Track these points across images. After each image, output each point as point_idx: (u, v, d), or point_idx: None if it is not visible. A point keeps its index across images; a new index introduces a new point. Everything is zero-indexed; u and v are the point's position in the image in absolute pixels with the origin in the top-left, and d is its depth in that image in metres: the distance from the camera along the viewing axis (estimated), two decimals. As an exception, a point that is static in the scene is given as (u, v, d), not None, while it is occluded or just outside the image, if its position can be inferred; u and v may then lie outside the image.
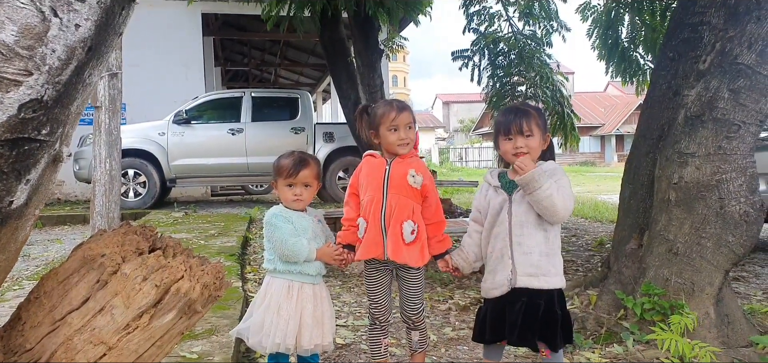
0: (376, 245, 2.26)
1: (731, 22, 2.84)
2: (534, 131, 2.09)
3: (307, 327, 2.15)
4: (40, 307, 1.41)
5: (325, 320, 2.23)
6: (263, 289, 2.22)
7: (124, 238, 1.49)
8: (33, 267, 5.11)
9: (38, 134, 1.11)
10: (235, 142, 9.45)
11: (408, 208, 2.25)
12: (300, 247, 2.14)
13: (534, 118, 2.10)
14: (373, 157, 2.35)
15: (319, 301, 2.22)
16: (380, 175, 2.28)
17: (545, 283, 2.08)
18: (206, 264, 1.50)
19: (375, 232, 2.26)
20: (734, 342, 2.72)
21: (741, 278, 4.43)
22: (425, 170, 2.32)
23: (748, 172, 2.70)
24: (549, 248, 2.10)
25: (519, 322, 2.06)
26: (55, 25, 1.00)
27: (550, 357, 2.11)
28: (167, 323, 1.43)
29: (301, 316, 2.15)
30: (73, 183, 10.36)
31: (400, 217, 2.24)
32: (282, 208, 2.25)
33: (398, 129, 2.25)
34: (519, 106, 2.26)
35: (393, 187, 2.25)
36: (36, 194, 1.24)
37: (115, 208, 3.98)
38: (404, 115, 2.25)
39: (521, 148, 2.09)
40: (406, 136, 2.25)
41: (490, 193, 2.21)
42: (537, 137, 2.10)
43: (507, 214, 2.13)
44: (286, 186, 2.21)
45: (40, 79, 1.02)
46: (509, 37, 7.54)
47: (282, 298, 2.14)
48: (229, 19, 13.75)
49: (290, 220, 2.20)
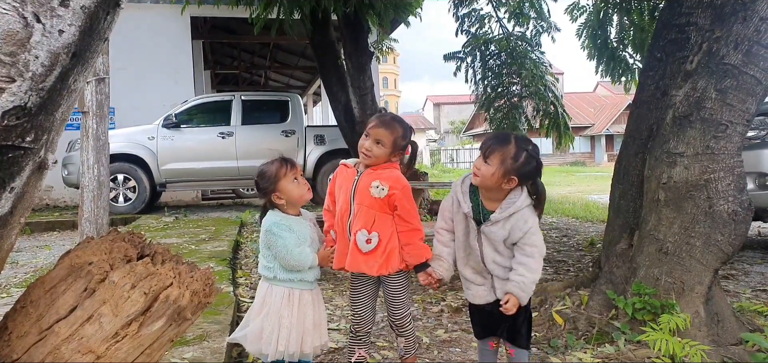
0: (343, 255, 2.28)
1: (718, 23, 2.87)
2: (493, 162, 2.02)
3: (309, 333, 2.16)
4: (27, 316, 1.40)
5: (322, 322, 2.25)
6: (261, 297, 2.20)
7: (112, 246, 1.48)
8: (21, 274, 5.05)
9: (22, 142, 1.10)
10: (226, 145, 9.41)
11: (369, 217, 2.23)
12: (305, 256, 2.14)
13: (500, 153, 2.02)
14: (346, 167, 2.36)
15: (317, 305, 2.23)
16: (348, 186, 2.29)
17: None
18: (195, 271, 1.49)
19: (342, 243, 2.29)
20: (724, 340, 2.74)
21: (730, 276, 4.46)
22: (397, 181, 2.25)
23: (736, 171, 2.72)
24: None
25: (505, 321, 2.12)
26: (38, 31, 0.99)
27: (514, 356, 2.18)
28: (156, 331, 1.42)
29: (304, 323, 2.15)
30: (61, 188, 10.28)
31: (356, 227, 2.24)
32: (281, 215, 2.21)
33: (368, 136, 2.26)
34: (502, 134, 2.23)
35: (357, 197, 2.25)
36: (21, 202, 1.22)
37: (104, 214, 3.94)
38: (379, 129, 2.23)
39: (477, 170, 2.07)
40: (369, 147, 2.24)
41: (460, 213, 2.18)
42: (492, 167, 2.02)
43: (477, 242, 2.13)
44: (293, 181, 2.19)
45: (24, 85, 1.01)
46: (501, 38, 7.56)
47: (283, 307, 2.13)
48: (219, 23, 13.69)
49: (291, 228, 2.17)
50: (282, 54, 17.17)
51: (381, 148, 2.24)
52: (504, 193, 2.07)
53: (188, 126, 9.47)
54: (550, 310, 3.13)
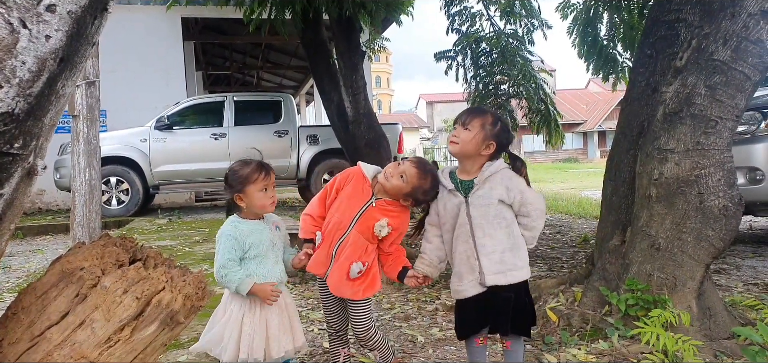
0: (322, 265, 2.29)
1: (706, 19, 2.88)
2: (473, 127, 2.12)
3: (274, 338, 2.10)
4: (19, 323, 1.39)
5: (293, 324, 2.19)
6: (223, 304, 2.15)
7: (103, 251, 1.47)
8: (14, 279, 5.02)
9: (11, 148, 1.09)
10: (218, 146, 9.39)
11: (361, 248, 2.25)
12: (230, 278, 2.04)
13: (479, 120, 2.14)
14: (364, 179, 2.32)
15: (283, 308, 2.16)
16: (357, 206, 2.26)
17: (513, 277, 2.13)
18: (188, 274, 1.49)
19: (325, 254, 2.28)
20: (716, 334, 2.76)
21: (722, 270, 4.50)
22: (401, 225, 2.30)
23: (726, 166, 2.74)
24: (512, 242, 2.14)
25: (502, 311, 2.14)
26: (24, 37, 0.98)
27: (510, 348, 2.21)
28: (149, 335, 1.41)
29: (267, 328, 2.09)
30: (54, 192, 10.22)
31: (352, 256, 2.23)
32: (238, 220, 2.15)
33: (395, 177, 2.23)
34: (479, 107, 2.34)
35: (359, 225, 2.25)
36: (10, 209, 1.22)
37: (96, 218, 3.92)
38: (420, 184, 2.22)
39: (455, 137, 2.17)
40: (393, 183, 2.23)
41: (445, 195, 2.21)
42: (472, 132, 2.12)
43: (466, 216, 2.14)
44: (261, 190, 2.12)
45: (11, 92, 1.00)
46: (491, 36, 7.57)
47: (245, 312, 2.08)
48: (210, 23, 13.65)
49: (243, 238, 2.09)
50: (274, 54, 17.13)
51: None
52: (481, 161, 2.15)
53: (181, 127, 9.44)
54: (543, 307, 3.14)
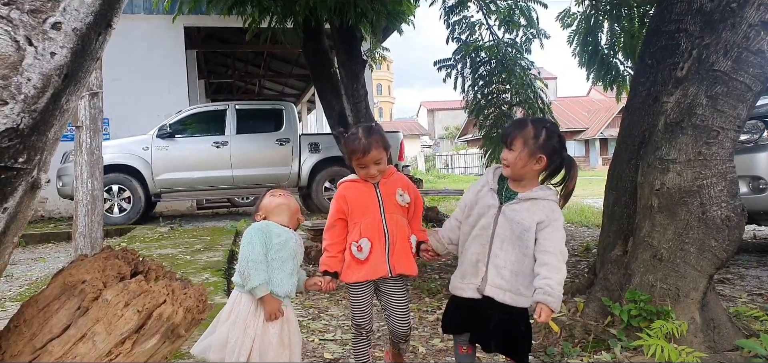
0: (383, 264, 2.32)
1: (707, 30, 2.89)
2: (516, 146, 2.09)
3: (272, 347, 2.10)
4: (20, 335, 1.39)
5: (292, 344, 2.19)
6: (230, 304, 2.16)
7: (105, 263, 1.47)
8: (16, 287, 5.03)
9: (15, 162, 1.10)
10: (220, 155, 9.40)
11: (402, 223, 2.37)
12: (256, 274, 2.06)
13: (520, 137, 2.09)
14: (356, 183, 2.39)
15: (286, 323, 2.17)
16: (373, 199, 2.34)
17: (512, 300, 2.10)
18: (189, 287, 1.49)
19: (380, 252, 2.31)
20: (720, 346, 2.75)
21: (726, 280, 4.48)
22: (408, 184, 2.42)
23: (728, 176, 2.74)
24: (521, 268, 2.10)
25: (489, 329, 2.13)
26: (30, 54, 0.99)
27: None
28: (150, 348, 1.41)
29: (268, 336, 2.10)
30: (56, 200, 10.24)
31: (404, 232, 2.35)
32: (269, 222, 2.20)
33: (366, 167, 2.31)
34: (519, 120, 2.34)
35: (388, 208, 2.34)
36: (14, 222, 1.22)
37: (98, 228, 3.93)
38: (371, 154, 2.28)
39: (504, 160, 2.13)
40: (375, 173, 2.32)
41: (484, 191, 2.21)
42: (516, 151, 2.09)
43: (493, 221, 2.13)
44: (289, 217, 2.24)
45: (16, 107, 1.01)
46: (491, 45, 7.59)
47: (250, 316, 2.09)
48: (212, 32, 13.69)
49: (269, 233, 2.13)
50: (276, 62, 17.18)
51: (384, 162, 2.35)
52: (535, 176, 2.12)
53: (183, 136, 9.46)
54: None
